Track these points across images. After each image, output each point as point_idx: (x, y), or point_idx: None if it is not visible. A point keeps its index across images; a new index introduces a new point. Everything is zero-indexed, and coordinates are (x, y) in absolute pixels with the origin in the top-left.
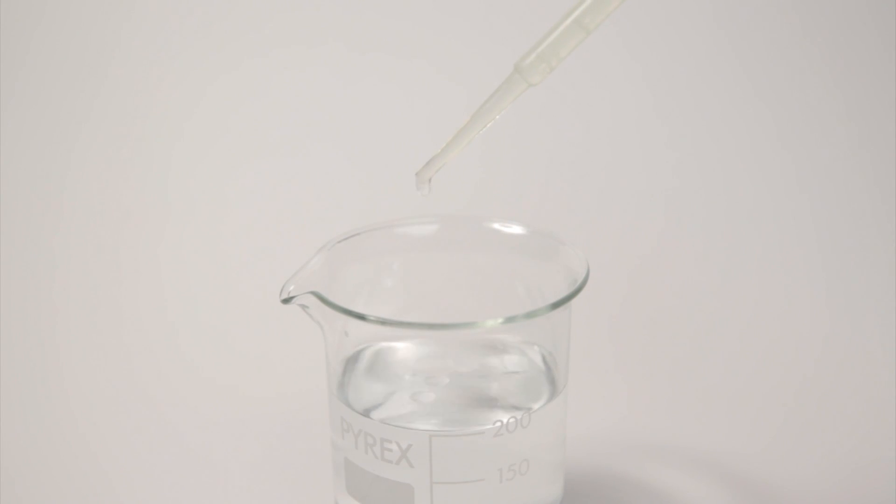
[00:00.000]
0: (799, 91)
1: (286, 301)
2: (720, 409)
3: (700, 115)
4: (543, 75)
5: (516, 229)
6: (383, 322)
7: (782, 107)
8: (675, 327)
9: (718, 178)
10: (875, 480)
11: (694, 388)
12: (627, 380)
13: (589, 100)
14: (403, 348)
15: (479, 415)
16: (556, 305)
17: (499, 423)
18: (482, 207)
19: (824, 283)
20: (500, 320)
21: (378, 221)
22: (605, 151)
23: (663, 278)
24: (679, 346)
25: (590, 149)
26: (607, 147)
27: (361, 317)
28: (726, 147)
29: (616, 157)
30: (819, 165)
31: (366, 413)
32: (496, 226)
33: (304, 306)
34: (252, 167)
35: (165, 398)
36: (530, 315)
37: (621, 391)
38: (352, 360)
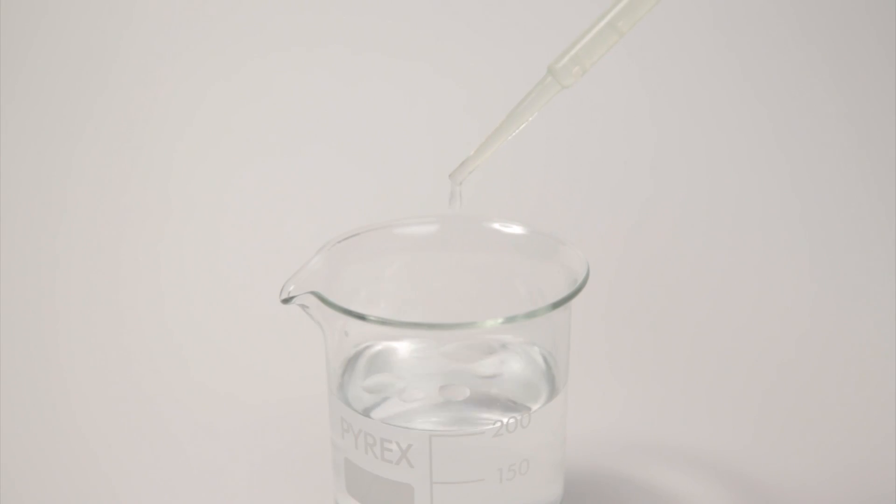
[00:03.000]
0: (798, 92)
1: (286, 301)
2: (720, 408)
3: (700, 116)
4: (576, 78)
5: (516, 229)
6: (383, 322)
7: (781, 107)
8: (674, 327)
9: (718, 179)
10: (876, 479)
11: (694, 387)
12: (628, 379)
13: (589, 100)
14: (403, 348)
15: (479, 415)
16: (557, 305)
17: (499, 423)
18: (482, 207)
19: (822, 284)
20: (500, 320)
21: (378, 221)
22: (605, 151)
23: (663, 278)
24: (679, 345)
25: (590, 149)
26: (607, 147)
27: (361, 317)
28: (726, 147)
29: (616, 157)
30: (817, 166)
31: (365, 413)
32: (496, 226)
33: (304, 306)
34: (252, 168)
35: (165, 397)
36: (530, 315)
37: (621, 391)
38: (352, 360)
